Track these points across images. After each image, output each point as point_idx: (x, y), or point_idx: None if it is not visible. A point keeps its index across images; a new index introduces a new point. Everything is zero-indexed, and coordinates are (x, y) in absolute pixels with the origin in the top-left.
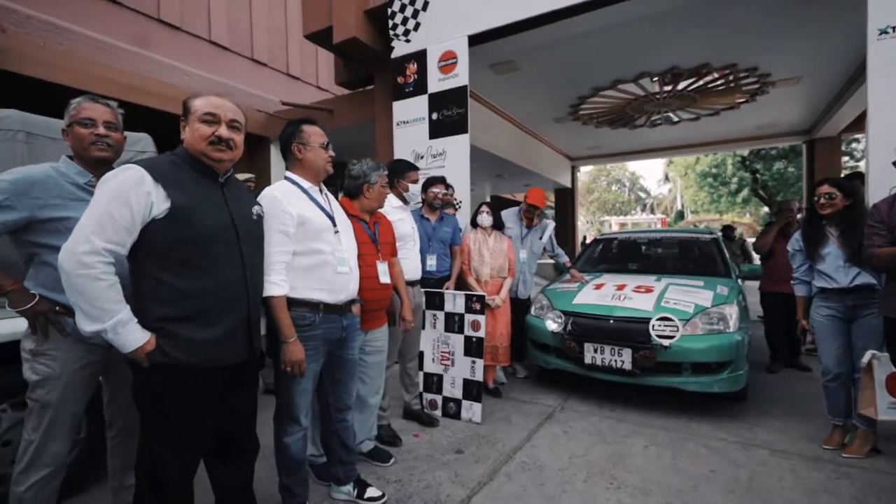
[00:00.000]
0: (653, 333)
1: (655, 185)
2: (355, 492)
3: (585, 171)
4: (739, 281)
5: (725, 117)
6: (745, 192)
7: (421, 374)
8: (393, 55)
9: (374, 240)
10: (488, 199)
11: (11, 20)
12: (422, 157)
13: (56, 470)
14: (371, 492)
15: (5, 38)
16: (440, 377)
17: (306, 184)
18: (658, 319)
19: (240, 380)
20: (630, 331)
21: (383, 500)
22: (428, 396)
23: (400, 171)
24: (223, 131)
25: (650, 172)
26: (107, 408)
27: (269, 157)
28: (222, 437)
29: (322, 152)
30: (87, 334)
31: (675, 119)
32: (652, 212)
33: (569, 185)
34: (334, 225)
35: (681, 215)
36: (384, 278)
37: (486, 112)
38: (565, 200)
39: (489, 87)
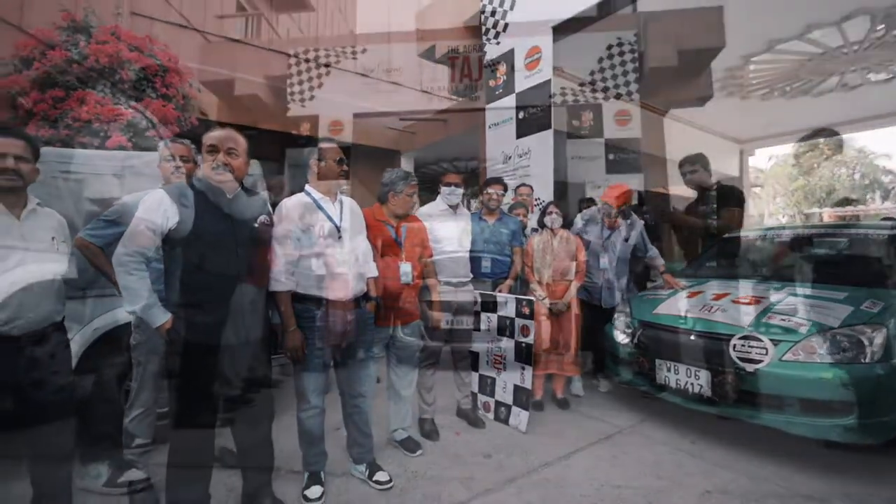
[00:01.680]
0: (733, 354)
1: None
2: (367, 472)
3: (778, 152)
4: None
5: None
6: None
7: (474, 375)
8: (485, 60)
9: (399, 242)
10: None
11: None
12: (509, 158)
13: (146, 410)
14: (380, 475)
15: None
16: (493, 380)
17: (318, 195)
18: (741, 338)
19: (241, 358)
20: (704, 349)
21: (389, 485)
22: (482, 398)
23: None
24: (220, 159)
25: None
26: None
27: (398, 166)
28: (237, 404)
29: (335, 167)
30: (129, 312)
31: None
32: None
33: (736, 173)
34: (338, 231)
35: None
36: (406, 278)
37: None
38: (730, 193)
39: None
